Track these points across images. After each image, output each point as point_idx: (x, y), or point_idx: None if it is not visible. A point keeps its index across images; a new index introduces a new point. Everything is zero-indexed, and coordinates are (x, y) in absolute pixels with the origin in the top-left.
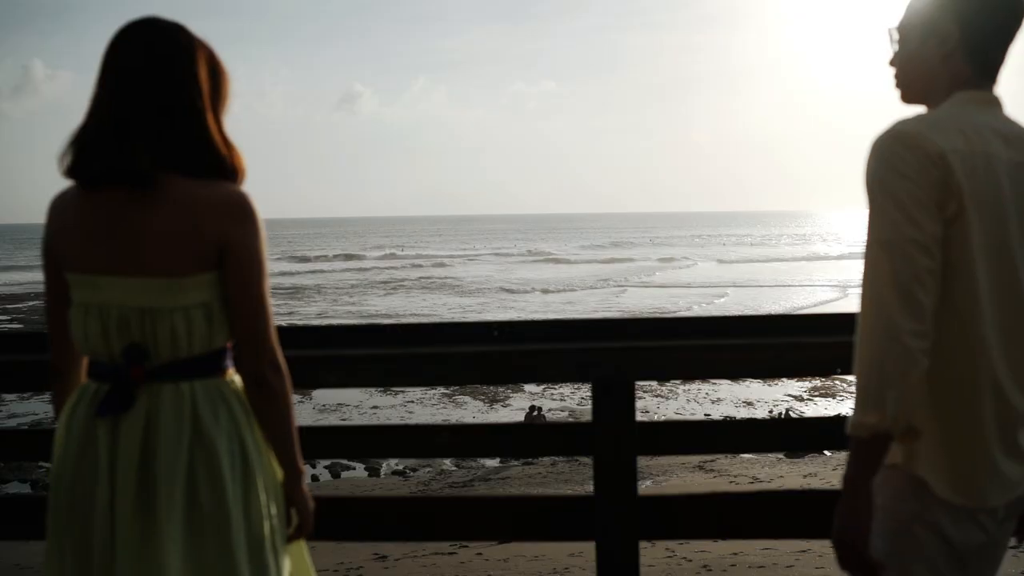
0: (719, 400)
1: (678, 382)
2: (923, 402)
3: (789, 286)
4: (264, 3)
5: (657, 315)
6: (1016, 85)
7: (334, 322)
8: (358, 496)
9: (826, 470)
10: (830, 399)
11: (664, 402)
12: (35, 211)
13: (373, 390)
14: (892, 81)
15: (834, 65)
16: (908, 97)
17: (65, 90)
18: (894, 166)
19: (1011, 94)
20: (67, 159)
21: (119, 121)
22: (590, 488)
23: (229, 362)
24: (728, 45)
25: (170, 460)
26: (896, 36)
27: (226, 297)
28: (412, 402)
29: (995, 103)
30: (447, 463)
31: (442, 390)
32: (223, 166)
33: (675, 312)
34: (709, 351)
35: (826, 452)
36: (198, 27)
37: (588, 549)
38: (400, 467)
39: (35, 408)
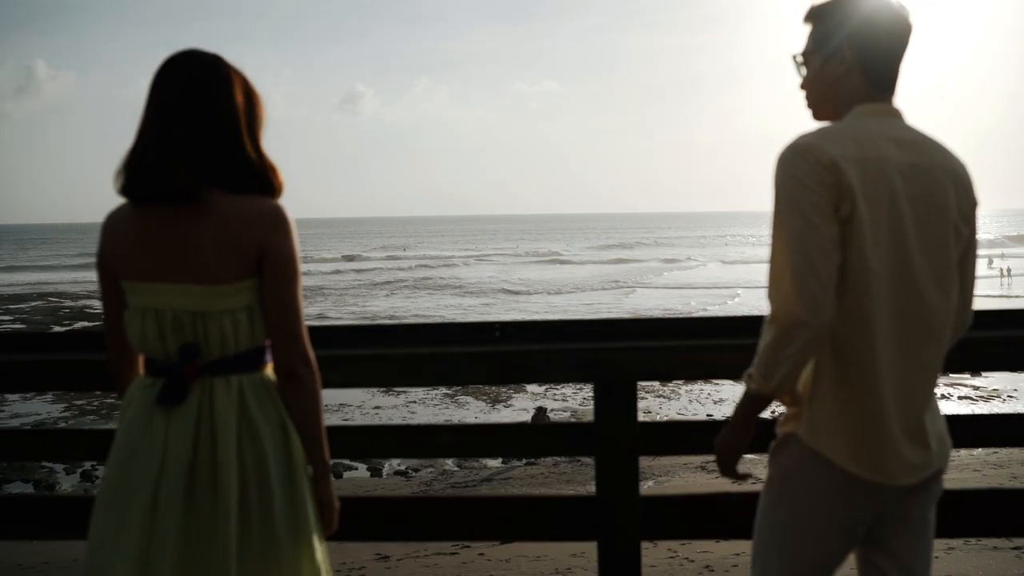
0: (721, 400)
1: (680, 382)
2: (827, 380)
3: None
4: (264, 3)
5: (657, 316)
6: (1015, 86)
7: (336, 322)
8: (360, 496)
9: None
10: None
11: (666, 402)
12: (38, 212)
13: (375, 390)
14: (804, 102)
15: None
16: (818, 115)
17: (68, 90)
18: (793, 175)
19: (1010, 94)
20: (120, 180)
21: (163, 145)
22: (592, 488)
23: (269, 356)
24: (729, 45)
25: (227, 447)
26: (801, 60)
27: (263, 294)
28: (414, 402)
29: (892, 113)
30: (449, 463)
31: (444, 390)
32: (261, 182)
33: (689, 313)
34: (711, 351)
35: None
36: (198, 27)
37: (590, 549)
38: (402, 467)
39: (37, 408)
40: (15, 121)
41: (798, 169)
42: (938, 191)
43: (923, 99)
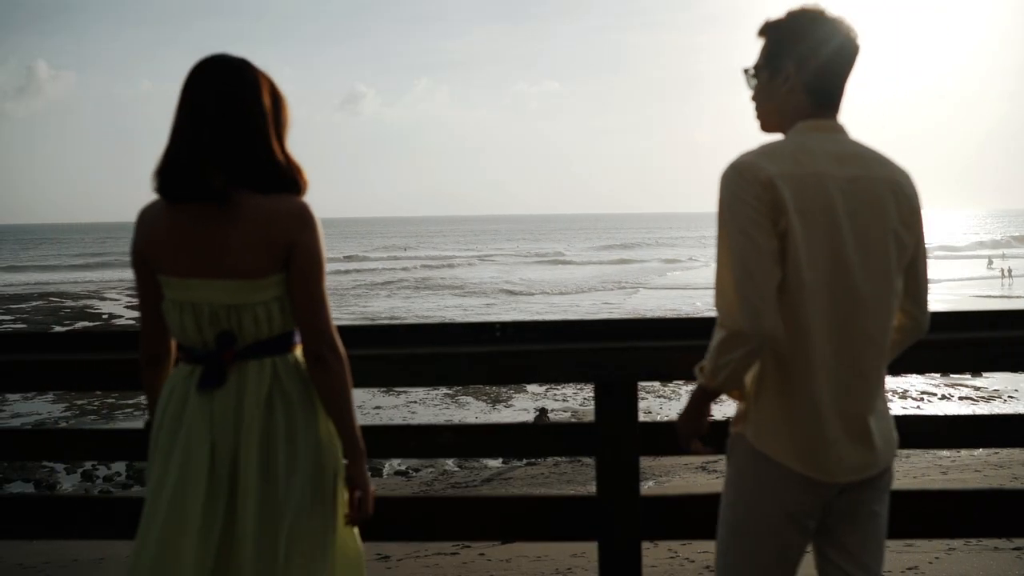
0: (721, 400)
1: (680, 382)
2: (770, 385)
3: None
4: (265, 3)
5: (657, 316)
6: (1014, 86)
7: (337, 322)
8: None
9: None
10: None
11: (667, 402)
12: (39, 212)
13: (376, 390)
14: (753, 113)
15: None
16: (765, 127)
17: (69, 90)
18: (734, 192)
19: (1010, 94)
20: (156, 181)
21: (195, 148)
22: (592, 488)
23: (296, 339)
24: (729, 45)
25: (251, 428)
26: (752, 74)
27: (290, 287)
28: (415, 402)
29: (834, 128)
30: (450, 463)
31: (445, 390)
32: (287, 182)
33: (689, 314)
34: None
35: None
36: (198, 27)
37: (590, 549)
38: (403, 467)
39: (38, 408)
40: (17, 121)
41: (738, 187)
42: (877, 203)
43: (924, 99)
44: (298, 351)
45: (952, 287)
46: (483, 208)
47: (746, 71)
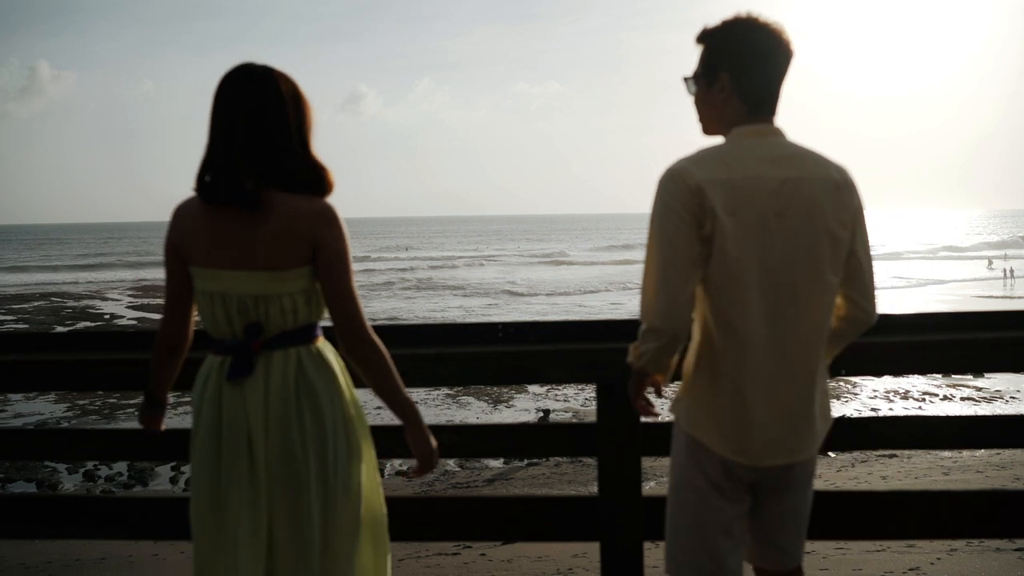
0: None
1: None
2: (703, 374)
3: None
4: (266, 3)
5: None
6: (1014, 87)
7: None
8: None
9: (830, 471)
10: (833, 400)
11: (668, 403)
12: (40, 212)
13: None
14: (696, 117)
15: (834, 67)
16: (707, 131)
17: (71, 90)
18: (664, 198)
19: (1009, 95)
20: (196, 183)
21: (229, 158)
22: (594, 489)
23: (319, 331)
24: None
25: (278, 405)
26: (691, 80)
27: (321, 285)
28: (416, 403)
29: (769, 132)
30: (451, 464)
31: (446, 391)
32: (314, 183)
33: None
34: None
35: (830, 454)
36: (198, 27)
37: (592, 550)
38: (403, 467)
39: (40, 408)
40: (20, 121)
41: (669, 193)
42: (809, 202)
43: (925, 99)
44: (320, 342)
45: (954, 288)
46: (485, 208)
47: (686, 79)
